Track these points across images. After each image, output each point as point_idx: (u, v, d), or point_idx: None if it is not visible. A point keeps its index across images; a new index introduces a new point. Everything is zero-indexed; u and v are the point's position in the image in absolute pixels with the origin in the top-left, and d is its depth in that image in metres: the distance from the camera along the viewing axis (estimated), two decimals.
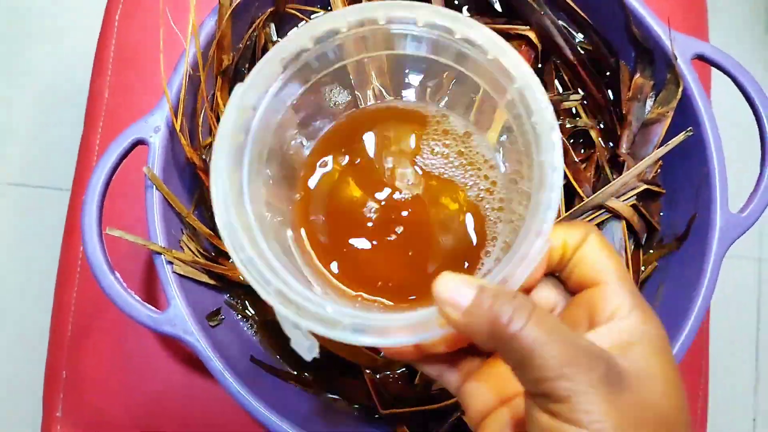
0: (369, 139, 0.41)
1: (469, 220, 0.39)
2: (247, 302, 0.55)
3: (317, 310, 0.29)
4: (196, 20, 0.50)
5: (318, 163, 0.40)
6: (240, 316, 0.54)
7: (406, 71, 0.42)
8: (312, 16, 0.56)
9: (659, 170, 0.54)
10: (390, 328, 0.28)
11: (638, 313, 0.27)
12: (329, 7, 0.55)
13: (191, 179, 0.53)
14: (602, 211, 0.50)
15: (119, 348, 0.61)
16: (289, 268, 0.33)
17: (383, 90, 0.43)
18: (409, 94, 0.43)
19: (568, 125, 0.54)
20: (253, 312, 0.54)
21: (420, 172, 0.39)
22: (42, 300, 0.68)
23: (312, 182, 0.40)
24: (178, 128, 0.48)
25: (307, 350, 0.31)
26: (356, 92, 0.42)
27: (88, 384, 0.61)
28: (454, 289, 0.26)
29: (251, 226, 0.32)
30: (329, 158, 0.41)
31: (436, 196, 0.39)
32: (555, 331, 0.24)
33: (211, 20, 0.50)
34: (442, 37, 0.35)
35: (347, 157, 0.40)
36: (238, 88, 0.33)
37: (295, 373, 0.54)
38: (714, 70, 0.54)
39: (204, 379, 0.60)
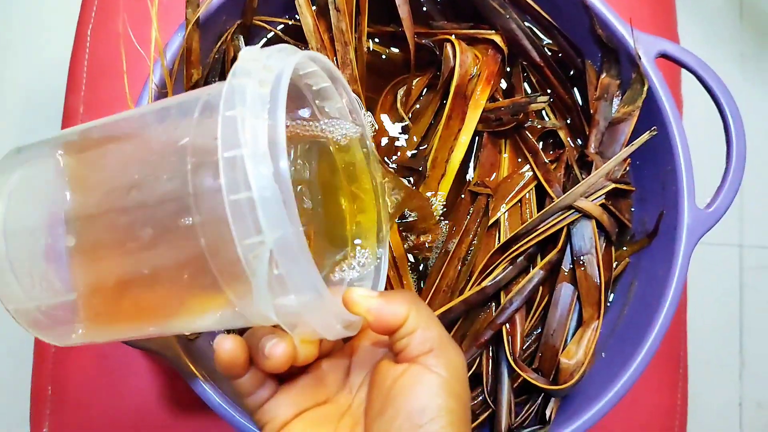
0: None
1: None
2: None
3: None
4: (164, 37, 0.50)
5: None
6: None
7: None
8: (278, 27, 0.57)
9: (628, 168, 0.54)
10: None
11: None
12: (297, 17, 0.56)
13: None
14: (572, 211, 0.51)
15: (103, 362, 0.61)
16: None
17: None
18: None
19: (537, 126, 0.55)
20: None
21: None
22: None
23: None
24: None
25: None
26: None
27: (73, 399, 0.61)
28: (366, 294, 0.34)
29: None
30: None
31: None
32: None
33: (179, 36, 0.51)
34: None
35: None
36: None
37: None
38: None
39: (188, 390, 0.60)
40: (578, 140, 0.56)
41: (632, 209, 0.55)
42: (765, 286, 1.13)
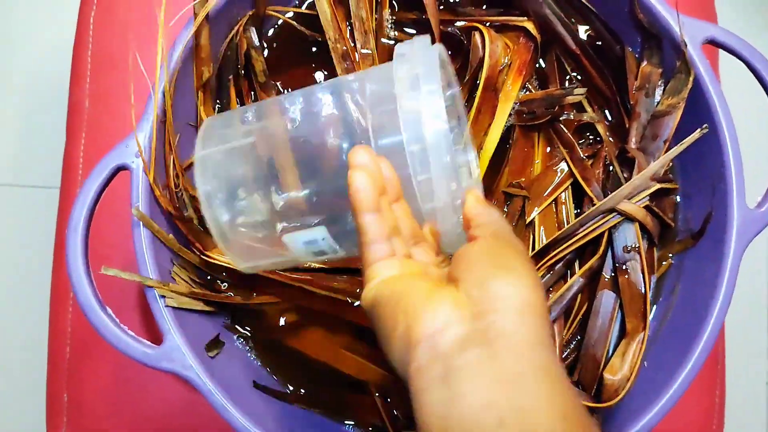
0: None
1: None
2: (245, 323, 0.52)
3: None
4: (172, 31, 0.47)
5: None
6: (239, 339, 0.52)
7: None
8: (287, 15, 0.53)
9: (671, 163, 0.51)
10: None
11: None
12: (307, 5, 0.52)
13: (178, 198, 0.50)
14: (614, 214, 0.47)
15: (119, 368, 0.59)
16: None
17: None
18: None
19: (573, 119, 0.51)
20: (252, 332, 0.52)
21: None
22: (41, 302, 0.66)
23: None
24: (151, 178, 0.45)
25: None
26: None
27: (90, 406, 0.59)
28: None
29: None
30: None
31: None
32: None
33: (186, 32, 0.47)
34: None
35: None
36: None
37: (301, 392, 0.52)
38: (722, 53, 0.51)
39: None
40: (618, 135, 0.52)
41: (675, 206, 0.52)
42: None
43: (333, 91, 0.40)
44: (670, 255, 0.51)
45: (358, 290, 0.50)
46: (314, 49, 0.54)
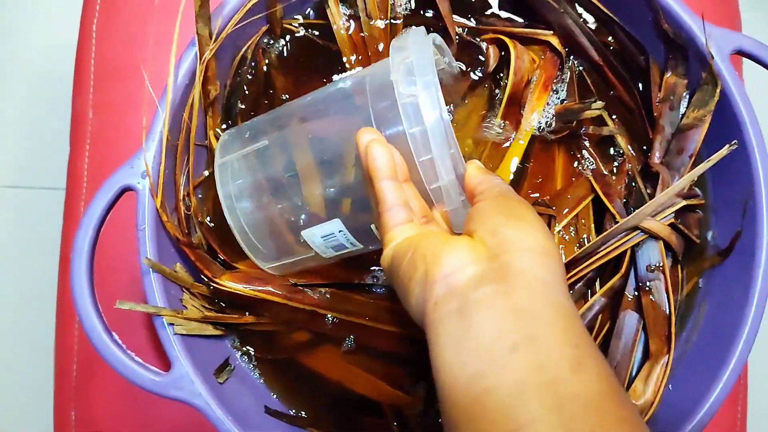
0: None
1: None
2: (254, 344, 0.51)
3: None
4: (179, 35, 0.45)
5: None
6: (248, 361, 0.51)
7: None
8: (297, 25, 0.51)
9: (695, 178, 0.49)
10: None
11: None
12: (327, 19, 0.50)
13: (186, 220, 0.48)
14: (637, 232, 0.45)
15: (127, 386, 0.57)
16: None
17: None
18: None
19: (593, 133, 0.49)
20: (261, 353, 0.51)
21: None
22: (47, 307, 0.65)
23: None
24: (158, 203, 0.44)
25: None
26: None
27: (97, 424, 0.58)
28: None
29: None
30: None
31: None
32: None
33: (191, 51, 0.45)
34: None
35: None
36: None
37: (313, 415, 0.50)
38: (746, 64, 0.49)
39: None
40: (640, 147, 0.50)
41: (701, 221, 0.50)
42: None
43: (340, 89, 0.41)
44: (696, 273, 0.49)
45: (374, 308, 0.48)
46: (327, 57, 0.52)
